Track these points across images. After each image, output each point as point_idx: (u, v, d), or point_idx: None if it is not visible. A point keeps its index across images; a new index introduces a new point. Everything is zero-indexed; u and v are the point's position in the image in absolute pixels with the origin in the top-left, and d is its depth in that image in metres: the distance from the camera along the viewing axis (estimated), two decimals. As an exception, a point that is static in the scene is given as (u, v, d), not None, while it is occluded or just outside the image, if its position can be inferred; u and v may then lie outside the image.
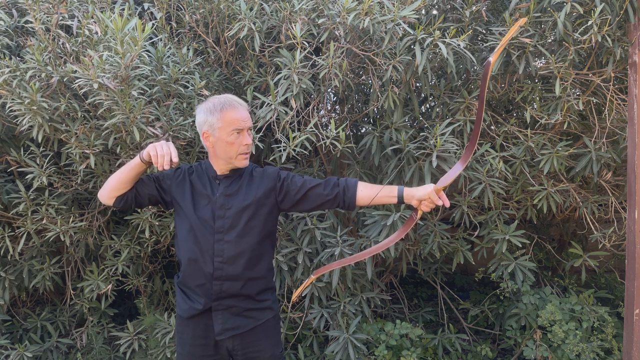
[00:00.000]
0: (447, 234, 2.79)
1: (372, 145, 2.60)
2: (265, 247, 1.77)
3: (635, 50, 2.34)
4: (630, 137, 2.38)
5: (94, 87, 2.04)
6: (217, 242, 1.68)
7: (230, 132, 1.63)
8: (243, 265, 1.69)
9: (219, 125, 1.63)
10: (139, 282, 2.88)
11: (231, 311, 1.71)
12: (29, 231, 2.48)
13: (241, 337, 1.72)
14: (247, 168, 1.79)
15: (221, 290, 1.69)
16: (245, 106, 1.71)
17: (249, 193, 1.73)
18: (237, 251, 1.68)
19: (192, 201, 1.71)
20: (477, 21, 2.63)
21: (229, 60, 2.72)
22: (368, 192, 1.71)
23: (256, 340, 1.75)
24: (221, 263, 1.67)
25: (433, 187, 1.58)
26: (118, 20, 1.96)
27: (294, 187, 1.75)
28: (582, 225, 3.06)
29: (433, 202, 1.59)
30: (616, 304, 3.30)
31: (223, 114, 1.63)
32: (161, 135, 2.21)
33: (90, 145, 2.27)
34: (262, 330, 1.76)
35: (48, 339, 3.04)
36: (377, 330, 2.76)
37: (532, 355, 2.68)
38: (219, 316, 1.70)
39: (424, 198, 1.61)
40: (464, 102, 2.57)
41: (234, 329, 1.71)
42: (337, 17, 2.28)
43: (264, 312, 1.78)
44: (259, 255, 1.73)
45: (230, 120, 1.63)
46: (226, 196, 1.71)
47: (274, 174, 1.79)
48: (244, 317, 1.73)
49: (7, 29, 2.50)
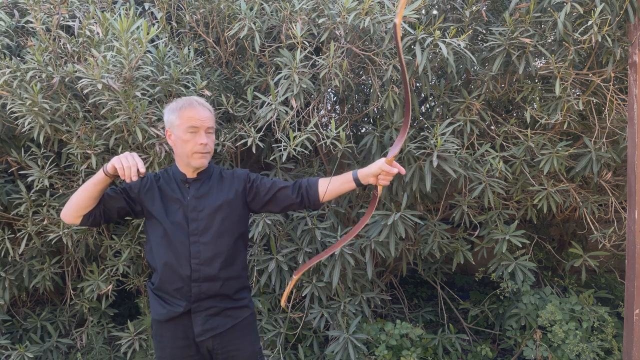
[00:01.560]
0: (447, 234, 2.79)
1: (373, 145, 2.60)
2: (239, 246, 1.79)
3: (635, 50, 2.34)
4: (630, 137, 2.38)
5: (98, 87, 2.05)
6: (193, 244, 1.68)
7: (186, 130, 1.66)
8: (219, 265, 1.70)
9: (177, 123, 1.67)
10: (139, 282, 2.88)
11: (210, 312, 1.72)
12: (29, 233, 2.48)
13: (221, 337, 1.73)
14: (216, 169, 1.82)
15: (200, 291, 1.69)
16: (207, 107, 1.73)
17: (220, 194, 1.74)
18: (214, 252, 1.69)
19: (163, 207, 1.71)
20: (477, 21, 2.63)
21: (229, 60, 2.72)
22: (327, 186, 1.73)
23: (235, 339, 1.76)
24: (198, 265, 1.68)
25: (384, 160, 1.59)
26: (124, 21, 1.97)
27: (263, 188, 1.78)
28: (582, 225, 3.06)
29: (388, 172, 1.59)
30: (616, 304, 3.31)
31: (181, 112, 1.67)
32: (163, 135, 2.22)
33: (92, 146, 2.27)
34: (240, 329, 1.78)
35: (48, 339, 3.04)
36: (377, 330, 2.76)
37: (532, 355, 2.68)
38: (198, 318, 1.71)
39: (378, 173, 1.60)
40: (464, 102, 2.57)
41: (213, 329, 1.72)
42: (338, 16, 2.28)
43: (241, 311, 1.80)
44: (234, 255, 1.75)
45: (186, 118, 1.66)
46: (197, 198, 1.72)
47: (244, 175, 1.82)
48: (223, 317, 1.74)
49: (8, 29, 2.50)
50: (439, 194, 2.88)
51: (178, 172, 1.77)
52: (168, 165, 2.42)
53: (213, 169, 1.82)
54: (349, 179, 1.68)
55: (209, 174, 1.78)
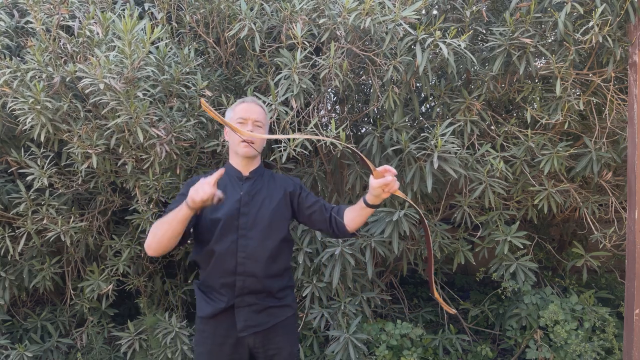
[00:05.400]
0: (447, 234, 2.79)
1: (373, 145, 2.60)
2: (285, 246, 1.83)
3: (635, 50, 2.34)
4: (630, 137, 2.38)
5: (100, 87, 2.05)
6: (241, 238, 1.72)
7: (236, 121, 1.77)
8: (264, 262, 1.73)
9: (230, 116, 1.81)
10: (139, 282, 2.88)
11: (253, 308, 1.74)
12: (29, 231, 2.48)
13: (263, 335, 1.76)
14: (267, 171, 1.89)
15: (244, 286, 1.72)
16: (259, 104, 1.84)
17: (272, 193, 1.82)
18: (260, 248, 1.73)
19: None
20: (478, 21, 2.63)
21: (230, 60, 2.72)
22: (350, 215, 1.76)
23: (276, 337, 1.79)
24: (244, 259, 1.71)
25: (372, 178, 1.58)
26: (127, 21, 1.97)
27: (307, 203, 1.85)
28: (583, 225, 3.06)
29: (385, 184, 1.56)
30: (617, 304, 3.31)
31: (235, 107, 1.82)
32: (164, 136, 2.21)
33: (93, 145, 2.27)
34: (282, 328, 1.80)
35: (48, 339, 3.04)
36: (378, 330, 2.76)
37: (534, 356, 2.68)
38: (241, 313, 1.73)
39: (379, 191, 1.58)
40: (465, 102, 2.57)
41: (255, 326, 1.74)
42: (338, 17, 2.28)
43: (284, 310, 1.82)
44: (279, 253, 1.78)
45: (237, 111, 1.80)
46: (250, 195, 1.77)
47: (297, 182, 1.91)
48: (266, 315, 1.77)
49: (8, 30, 2.50)
50: (439, 194, 2.87)
51: (232, 169, 1.83)
52: (168, 165, 2.43)
53: (264, 170, 1.89)
54: (361, 205, 1.70)
55: (261, 173, 1.86)
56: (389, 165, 1.58)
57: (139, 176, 2.44)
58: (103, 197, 2.69)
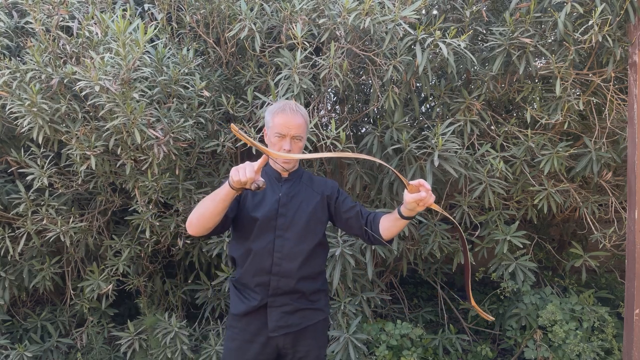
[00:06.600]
0: (447, 234, 2.79)
1: (373, 145, 2.60)
2: (320, 249, 1.83)
3: (635, 50, 2.34)
4: (630, 137, 2.38)
5: (96, 89, 2.04)
6: (278, 238, 1.73)
7: (275, 134, 1.72)
8: (300, 263, 1.73)
9: (270, 125, 1.74)
10: (139, 282, 2.88)
11: (285, 309, 1.75)
12: (29, 231, 2.48)
13: (293, 336, 1.76)
14: (306, 173, 1.89)
15: (278, 286, 1.73)
16: (300, 114, 1.75)
17: (309, 196, 1.81)
18: (296, 249, 1.73)
19: (254, 200, 1.77)
20: (478, 21, 2.63)
21: (230, 60, 2.72)
22: (385, 224, 1.76)
23: (306, 340, 1.79)
24: (280, 259, 1.72)
25: (406, 192, 1.57)
26: (120, 22, 1.96)
27: (345, 207, 1.84)
28: (582, 225, 3.06)
29: (419, 199, 1.55)
30: (616, 304, 3.31)
31: (274, 116, 1.73)
32: (162, 137, 2.21)
33: (91, 147, 2.27)
34: (312, 331, 1.81)
35: (48, 339, 3.04)
36: (378, 330, 2.76)
37: (533, 356, 2.68)
38: (273, 313, 1.74)
39: (414, 205, 1.57)
40: (465, 102, 2.57)
41: (287, 327, 1.75)
42: (338, 17, 2.28)
43: (316, 313, 1.83)
44: (314, 256, 1.79)
45: (276, 124, 1.72)
46: (289, 196, 1.78)
47: (335, 186, 1.89)
48: (298, 317, 1.78)
49: (7, 30, 2.50)
50: (439, 194, 2.87)
51: (272, 169, 1.82)
52: (167, 166, 2.43)
53: (303, 171, 1.89)
54: (396, 216, 1.69)
55: (299, 175, 1.85)
56: (423, 180, 1.56)
57: (138, 177, 2.44)
58: (103, 197, 2.69)
